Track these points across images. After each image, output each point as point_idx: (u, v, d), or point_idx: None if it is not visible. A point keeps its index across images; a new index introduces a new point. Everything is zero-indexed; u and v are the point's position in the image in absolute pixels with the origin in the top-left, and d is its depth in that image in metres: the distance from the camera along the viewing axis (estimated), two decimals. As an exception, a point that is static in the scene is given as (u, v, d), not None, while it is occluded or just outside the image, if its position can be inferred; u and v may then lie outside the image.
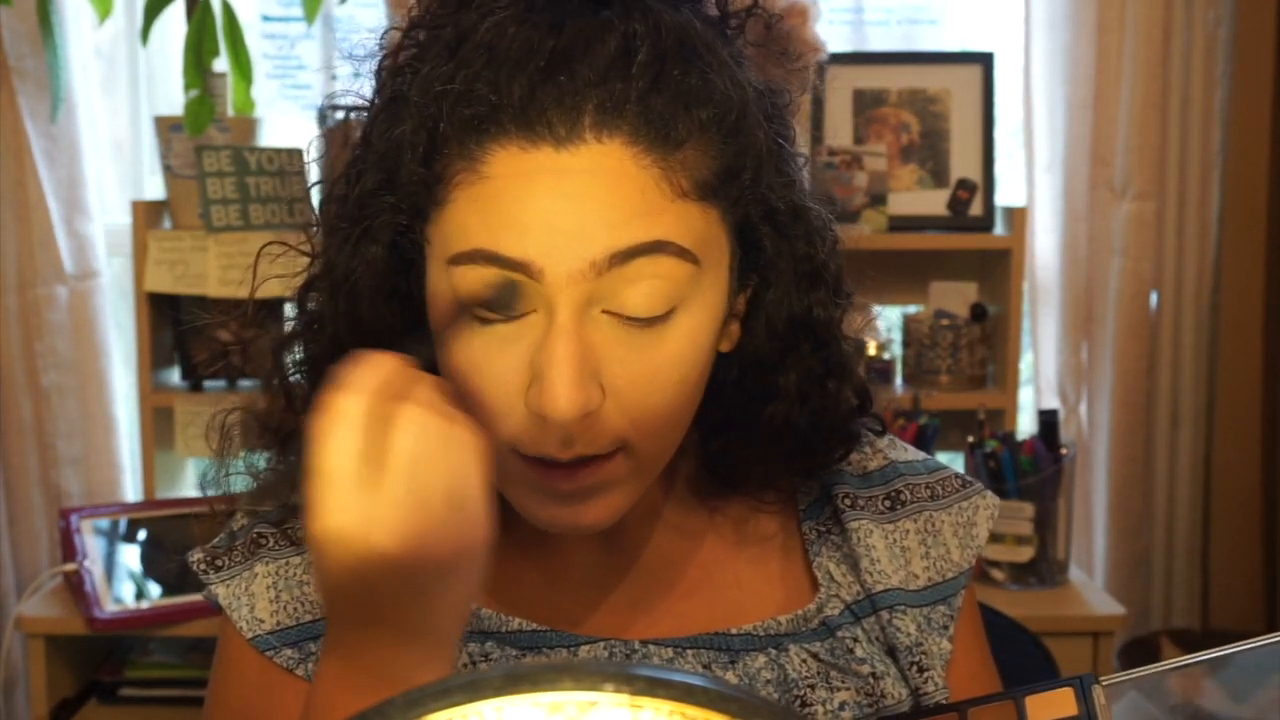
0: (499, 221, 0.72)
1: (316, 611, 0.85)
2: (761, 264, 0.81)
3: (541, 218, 0.72)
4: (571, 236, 0.72)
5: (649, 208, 0.73)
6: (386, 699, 0.40)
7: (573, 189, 0.72)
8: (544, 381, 0.72)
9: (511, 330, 0.74)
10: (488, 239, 0.73)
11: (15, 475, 2.37)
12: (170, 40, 2.41)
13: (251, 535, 0.88)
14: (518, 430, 0.75)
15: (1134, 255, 2.43)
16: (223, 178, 2.20)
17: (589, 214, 0.72)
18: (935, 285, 2.39)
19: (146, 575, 2.17)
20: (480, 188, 0.73)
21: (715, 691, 0.40)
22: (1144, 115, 2.39)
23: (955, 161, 2.38)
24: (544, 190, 0.72)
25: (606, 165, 0.72)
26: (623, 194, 0.72)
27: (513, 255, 0.72)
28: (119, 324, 2.46)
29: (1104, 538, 2.51)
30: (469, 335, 0.75)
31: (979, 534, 0.94)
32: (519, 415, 0.74)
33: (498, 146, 0.73)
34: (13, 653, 2.26)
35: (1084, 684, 0.77)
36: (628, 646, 0.86)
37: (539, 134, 0.72)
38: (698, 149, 0.75)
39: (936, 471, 0.96)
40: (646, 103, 0.73)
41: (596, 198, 0.72)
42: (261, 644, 0.85)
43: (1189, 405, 2.48)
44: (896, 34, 2.56)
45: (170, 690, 2.15)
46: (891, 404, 2.26)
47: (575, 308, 0.72)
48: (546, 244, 0.72)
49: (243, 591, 0.86)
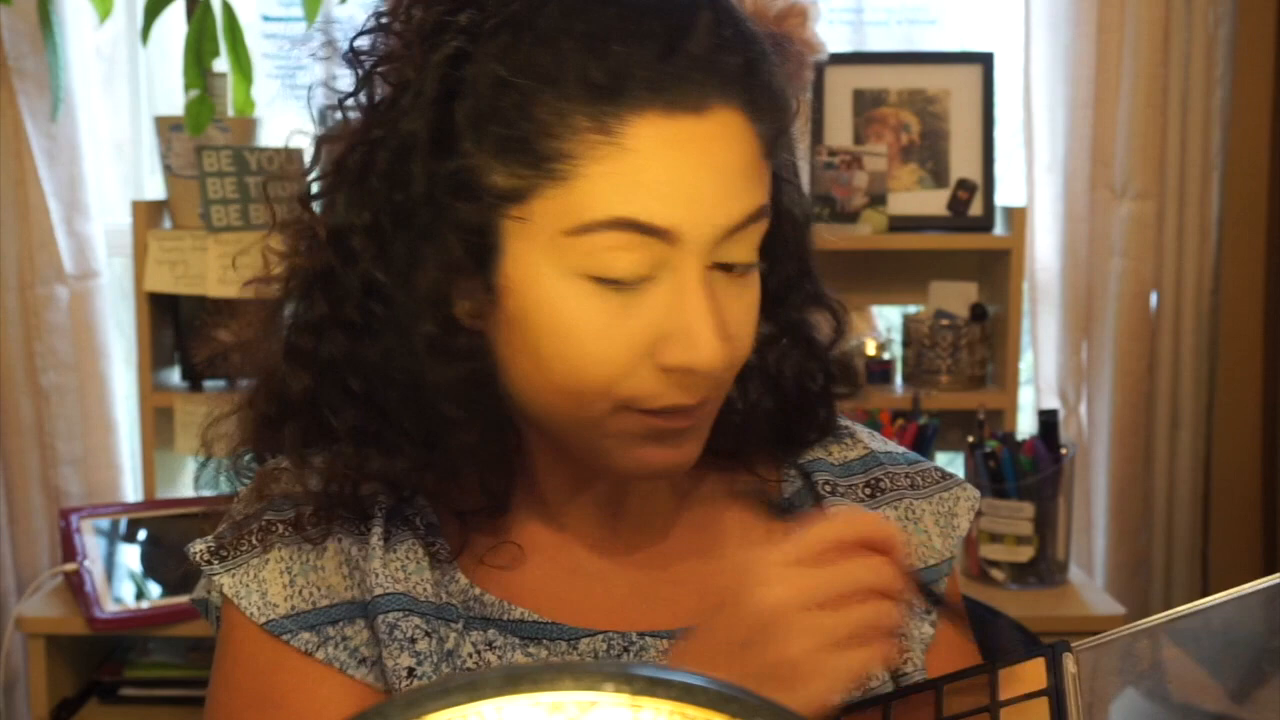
0: (645, 191, 0.75)
1: (334, 597, 0.85)
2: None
3: (687, 189, 0.76)
4: (710, 204, 0.76)
5: (759, 171, 0.79)
6: (386, 699, 0.40)
7: (712, 158, 0.76)
8: (690, 337, 0.77)
9: (631, 297, 0.77)
10: (629, 208, 0.75)
11: (15, 475, 2.37)
12: (170, 40, 2.41)
13: (261, 523, 0.87)
14: (642, 388, 0.78)
15: (1134, 255, 2.43)
16: (223, 178, 2.20)
17: (724, 185, 0.77)
18: (935, 285, 2.39)
19: (146, 575, 2.17)
20: (618, 159, 0.75)
21: (715, 691, 0.40)
22: (1144, 115, 2.39)
23: (955, 161, 2.38)
24: (684, 157, 0.76)
25: (731, 130, 0.77)
26: (746, 159, 0.78)
27: (656, 223, 0.76)
28: (119, 324, 2.46)
29: (1104, 538, 2.51)
30: (581, 302, 0.77)
31: (960, 524, 0.96)
32: (644, 374, 0.78)
33: (635, 116, 0.75)
34: (13, 653, 2.26)
35: (1056, 653, 0.77)
36: (625, 639, 0.87)
37: (675, 102, 0.75)
38: (768, 114, 0.80)
39: (917, 463, 0.98)
40: (748, 72, 0.78)
41: (729, 166, 0.77)
42: (276, 628, 0.84)
43: (1189, 405, 2.48)
44: (896, 34, 2.56)
45: (170, 690, 2.15)
46: (891, 404, 2.27)
47: (699, 269, 0.77)
48: (689, 213, 0.76)
49: (251, 579, 0.85)
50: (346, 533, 0.86)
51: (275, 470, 0.88)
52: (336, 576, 0.86)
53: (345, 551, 0.86)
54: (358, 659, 0.84)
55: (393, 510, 0.86)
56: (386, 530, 0.86)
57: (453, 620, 0.84)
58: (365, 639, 0.84)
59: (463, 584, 0.86)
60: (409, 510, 0.87)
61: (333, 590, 0.85)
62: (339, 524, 0.86)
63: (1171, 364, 2.47)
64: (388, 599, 0.83)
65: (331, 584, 0.85)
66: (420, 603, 0.84)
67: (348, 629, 0.84)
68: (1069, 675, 0.76)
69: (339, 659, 0.83)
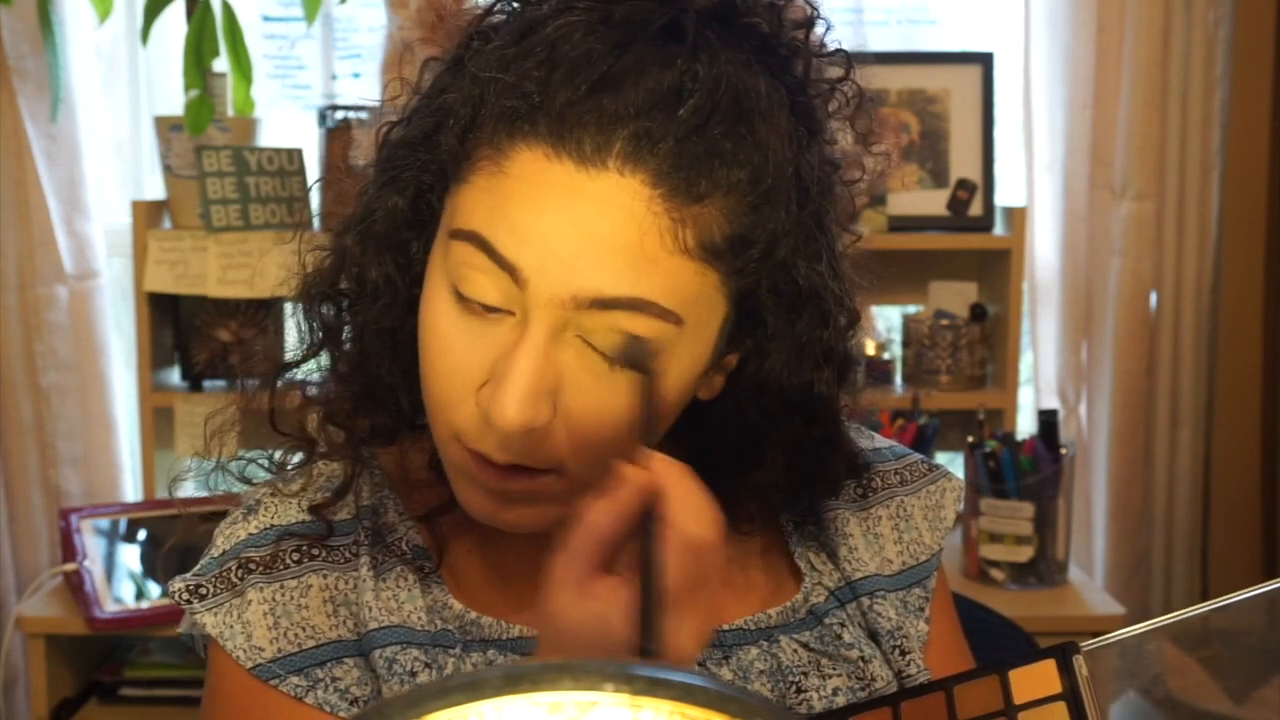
0: (502, 220, 0.73)
1: (320, 637, 0.84)
2: (759, 334, 0.80)
3: (541, 234, 0.72)
4: (563, 264, 0.72)
5: (644, 257, 0.72)
6: (386, 699, 0.40)
7: (580, 215, 0.72)
8: (499, 387, 0.73)
9: (485, 325, 0.75)
10: (488, 230, 0.73)
11: (15, 475, 2.36)
12: (170, 40, 2.41)
13: (238, 559, 0.86)
14: (465, 422, 0.75)
15: (1134, 255, 2.43)
16: (223, 178, 2.20)
17: (586, 249, 0.71)
18: (935, 285, 2.39)
19: (146, 575, 2.17)
20: (497, 180, 0.74)
21: (715, 691, 0.40)
22: (1144, 115, 2.39)
23: (955, 161, 2.38)
24: (553, 207, 0.72)
25: (619, 200, 0.71)
26: (624, 237, 0.71)
27: (505, 255, 0.73)
28: (119, 324, 2.46)
29: (1104, 538, 2.51)
30: (446, 311, 0.76)
31: (947, 516, 0.97)
32: (469, 408, 0.75)
33: (525, 147, 0.73)
34: (13, 653, 2.26)
35: (1065, 654, 0.77)
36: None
37: (566, 147, 0.72)
38: (716, 210, 0.73)
39: (903, 458, 0.98)
40: (679, 148, 0.72)
41: (598, 234, 0.71)
42: (264, 673, 0.83)
43: (1189, 405, 2.48)
44: (896, 34, 2.56)
45: (170, 690, 2.15)
46: (891, 404, 2.27)
47: (551, 327, 0.73)
48: (539, 260, 0.72)
49: (235, 620, 0.84)
50: (331, 567, 0.86)
51: (256, 501, 0.88)
52: (321, 615, 0.84)
53: (330, 588, 0.85)
54: (348, 700, 0.83)
55: (375, 538, 0.87)
56: (373, 558, 0.85)
57: (450, 647, 0.84)
58: (355, 679, 0.83)
59: (457, 609, 0.85)
60: (391, 537, 0.87)
61: (318, 631, 0.84)
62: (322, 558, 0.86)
63: (1171, 364, 2.47)
64: (383, 633, 0.83)
65: (316, 624, 0.84)
66: (417, 633, 0.83)
67: (336, 669, 0.83)
68: (1082, 677, 0.76)
69: (329, 701, 0.82)
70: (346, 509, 0.88)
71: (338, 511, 0.87)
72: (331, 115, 2.27)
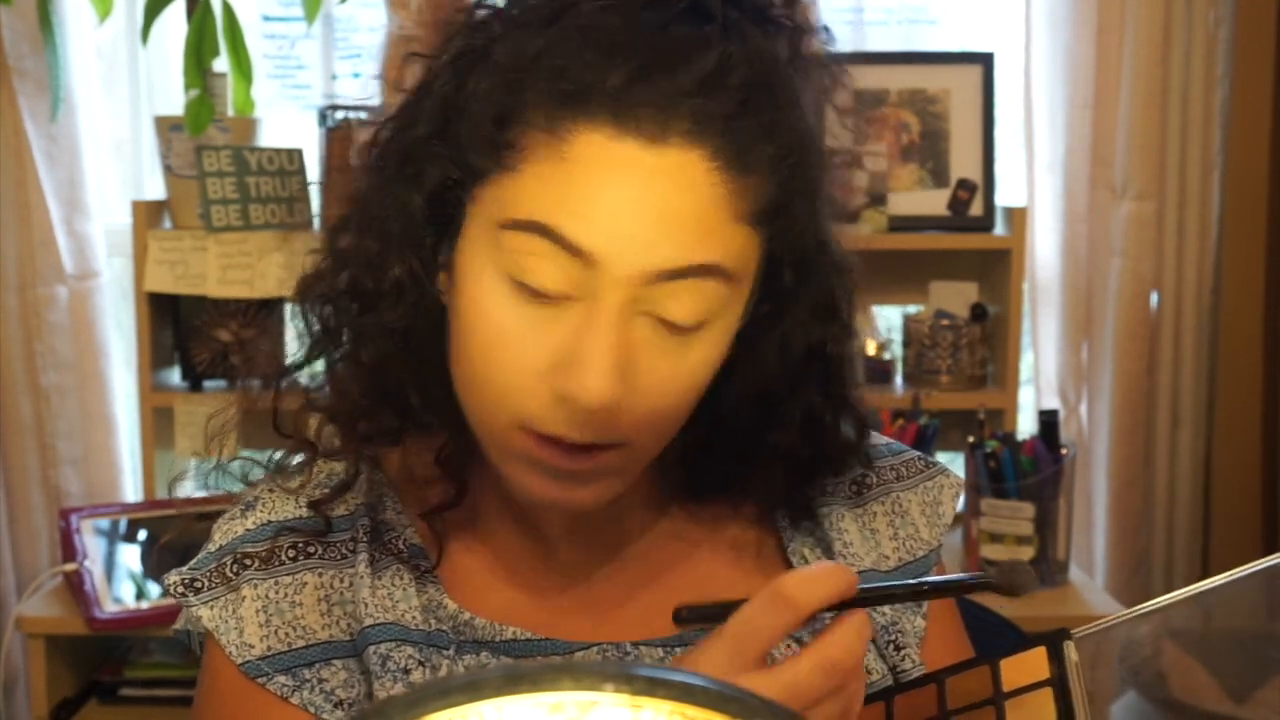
0: (572, 205, 0.74)
1: (310, 637, 0.84)
2: (776, 292, 0.82)
3: (610, 213, 0.73)
4: (636, 241, 0.73)
5: (709, 226, 0.75)
6: (386, 699, 0.40)
7: (648, 190, 0.73)
8: (581, 366, 0.74)
9: (549, 313, 0.75)
10: (553, 217, 0.74)
11: (15, 475, 2.36)
12: (170, 40, 2.41)
13: (235, 554, 0.86)
14: (536, 408, 0.76)
15: (1134, 255, 2.43)
16: (223, 178, 2.20)
17: (658, 222, 0.73)
18: (935, 285, 2.39)
19: (146, 575, 2.17)
20: (555, 165, 0.74)
21: (715, 691, 0.40)
22: (1144, 115, 2.39)
23: (955, 161, 2.38)
24: (620, 185, 0.73)
25: (685, 174, 0.74)
26: (691, 208, 0.74)
27: (575, 240, 0.73)
28: (119, 324, 2.46)
29: (1104, 538, 2.51)
30: (501, 302, 0.76)
31: (945, 512, 0.96)
32: (540, 394, 0.76)
33: (586, 129, 0.74)
34: (13, 653, 2.26)
35: (1057, 641, 0.77)
36: (620, 650, 0.87)
37: (629, 127, 0.73)
38: (762, 178, 0.76)
39: (900, 454, 0.98)
40: (733, 124, 0.75)
41: (669, 206, 0.74)
42: (252, 670, 0.83)
43: (1189, 405, 2.48)
44: (896, 34, 2.56)
45: (170, 690, 2.15)
46: (891, 404, 2.27)
47: (622, 304, 0.74)
48: (611, 240, 0.73)
49: (229, 615, 0.84)
50: (327, 565, 0.86)
51: (255, 497, 0.88)
52: (314, 615, 0.85)
53: (325, 587, 0.85)
54: (333, 702, 0.83)
55: (373, 536, 0.87)
56: (371, 555, 0.86)
57: (444, 647, 0.84)
58: (342, 680, 0.83)
59: (451, 609, 0.85)
60: (389, 535, 0.87)
61: (309, 630, 0.84)
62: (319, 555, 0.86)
63: (1171, 364, 2.47)
64: (379, 629, 0.83)
65: (308, 623, 0.84)
66: (411, 631, 0.83)
67: (324, 671, 0.84)
68: (1071, 663, 0.76)
69: (314, 703, 0.83)
70: (344, 505, 0.88)
71: (336, 508, 0.87)
72: (332, 115, 2.26)
